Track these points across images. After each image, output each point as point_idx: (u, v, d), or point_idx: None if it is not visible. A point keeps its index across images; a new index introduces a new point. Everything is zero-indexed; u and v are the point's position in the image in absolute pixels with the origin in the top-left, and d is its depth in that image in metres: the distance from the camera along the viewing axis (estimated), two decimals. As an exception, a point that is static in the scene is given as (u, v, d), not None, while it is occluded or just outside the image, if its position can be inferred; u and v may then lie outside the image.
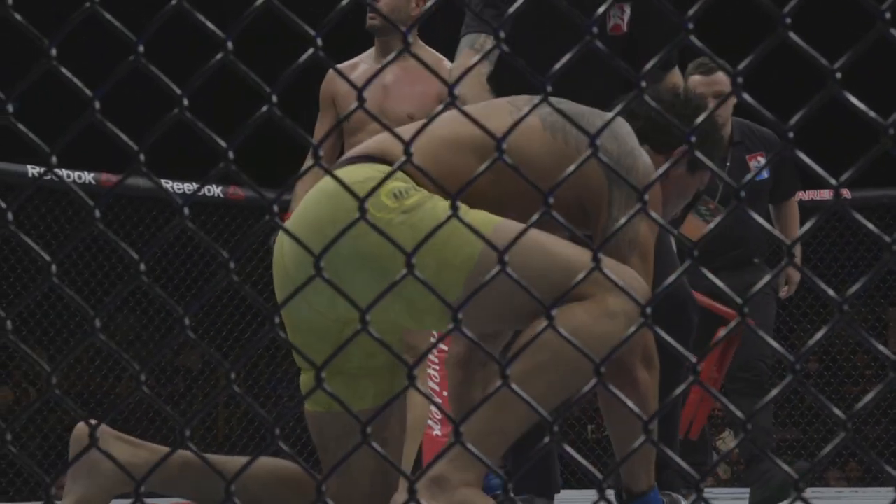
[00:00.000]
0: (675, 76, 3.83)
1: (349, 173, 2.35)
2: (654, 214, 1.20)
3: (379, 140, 2.48)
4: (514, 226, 2.27)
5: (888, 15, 1.13)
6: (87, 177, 6.87)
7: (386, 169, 2.31)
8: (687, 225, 5.03)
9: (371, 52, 5.13)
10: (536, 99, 1.26)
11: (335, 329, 2.39)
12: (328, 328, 2.40)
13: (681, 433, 3.89)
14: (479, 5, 3.56)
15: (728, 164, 5.17)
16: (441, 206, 2.31)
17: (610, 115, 1.68)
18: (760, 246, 5.30)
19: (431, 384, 5.22)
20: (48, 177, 1.32)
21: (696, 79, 5.05)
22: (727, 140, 5.16)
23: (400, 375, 2.46)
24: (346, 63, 5.08)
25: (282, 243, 2.44)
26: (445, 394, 4.32)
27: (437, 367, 5.18)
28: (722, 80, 5.05)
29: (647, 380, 2.50)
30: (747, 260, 5.24)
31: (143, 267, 1.26)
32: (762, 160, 5.17)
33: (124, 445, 2.42)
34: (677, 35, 1.13)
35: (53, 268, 1.30)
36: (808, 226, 1.21)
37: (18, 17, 1.31)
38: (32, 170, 6.61)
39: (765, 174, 5.18)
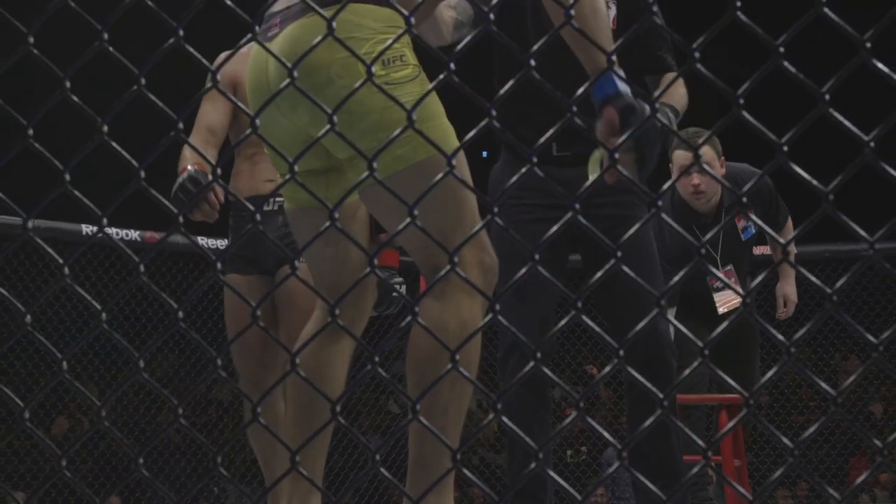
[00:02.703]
0: (669, 79, 3.59)
1: (340, 19, 2.22)
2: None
3: None
4: (460, 161, 2.21)
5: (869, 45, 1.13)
6: (134, 234, 6.86)
7: (359, 11, 2.24)
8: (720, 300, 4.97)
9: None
10: None
11: (301, 137, 2.36)
12: (295, 135, 2.36)
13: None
14: None
15: (721, 232, 5.03)
16: (410, 91, 2.24)
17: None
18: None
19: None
20: (100, 235, 1.32)
21: (679, 153, 4.91)
22: (715, 208, 5.03)
23: (356, 170, 2.37)
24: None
25: (266, 63, 2.38)
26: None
27: None
28: (705, 152, 4.86)
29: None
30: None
31: (180, 314, 1.26)
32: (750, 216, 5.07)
33: None
34: (662, 32, 1.13)
35: (104, 315, 1.29)
36: (762, 276, 1.21)
37: (75, 98, 1.31)
38: (86, 228, 6.64)
39: (752, 230, 5.09)
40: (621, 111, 2.26)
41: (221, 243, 7.03)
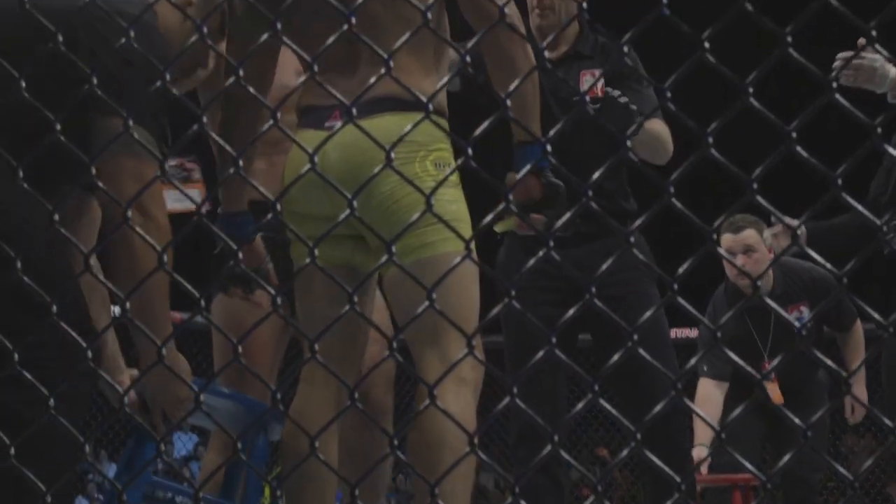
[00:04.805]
0: (655, 123, 3.64)
1: (401, 124, 2.36)
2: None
3: (407, 82, 2.39)
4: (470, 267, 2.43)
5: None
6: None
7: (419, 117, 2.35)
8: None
9: None
10: None
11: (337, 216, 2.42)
12: (330, 215, 2.44)
13: None
14: None
15: (773, 321, 4.89)
16: (451, 195, 2.48)
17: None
18: (813, 377, 5.06)
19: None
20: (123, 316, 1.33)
21: (726, 237, 4.80)
22: (768, 292, 4.86)
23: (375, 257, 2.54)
24: None
25: (325, 149, 2.44)
26: None
27: None
28: (750, 235, 4.79)
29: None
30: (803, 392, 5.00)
31: (202, 398, 1.26)
32: (804, 310, 4.86)
33: None
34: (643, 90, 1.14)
35: (125, 399, 1.30)
36: (860, 363, 1.20)
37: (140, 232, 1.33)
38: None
39: (805, 318, 4.84)
40: (546, 186, 2.58)
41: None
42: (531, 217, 2.59)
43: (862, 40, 3.56)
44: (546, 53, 3.60)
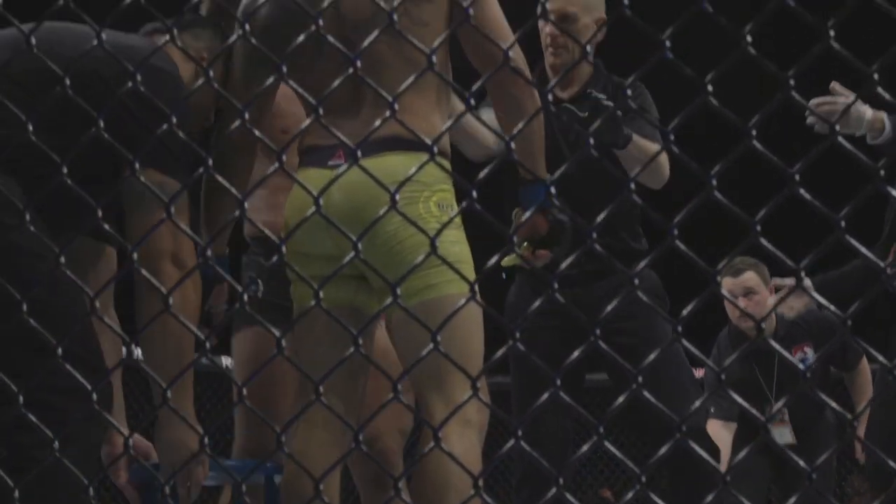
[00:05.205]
0: (651, 145, 3.54)
1: (405, 164, 2.42)
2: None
3: (411, 122, 2.37)
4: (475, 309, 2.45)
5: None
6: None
7: (423, 157, 2.44)
8: None
9: None
10: None
11: (341, 258, 2.40)
12: (333, 256, 2.46)
13: None
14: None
15: (777, 363, 4.85)
16: (454, 236, 2.50)
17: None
18: (820, 418, 4.97)
19: None
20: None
21: (727, 280, 4.80)
22: (771, 333, 4.82)
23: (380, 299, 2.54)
24: None
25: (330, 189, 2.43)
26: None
27: None
28: (751, 278, 4.79)
29: None
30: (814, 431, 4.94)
31: (206, 440, 1.26)
32: (808, 351, 4.84)
33: None
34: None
35: (130, 441, 1.29)
36: (866, 404, 1.20)
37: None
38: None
39: (809, 360, 4.81)
40: (552, 223, 2.62)
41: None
42: (538, 253, 2.65)
43: (834, 84, 3.57)
44: (559, 92, 3.63)
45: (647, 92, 3.66)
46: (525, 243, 2.79)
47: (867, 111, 3.58)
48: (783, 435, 4.84)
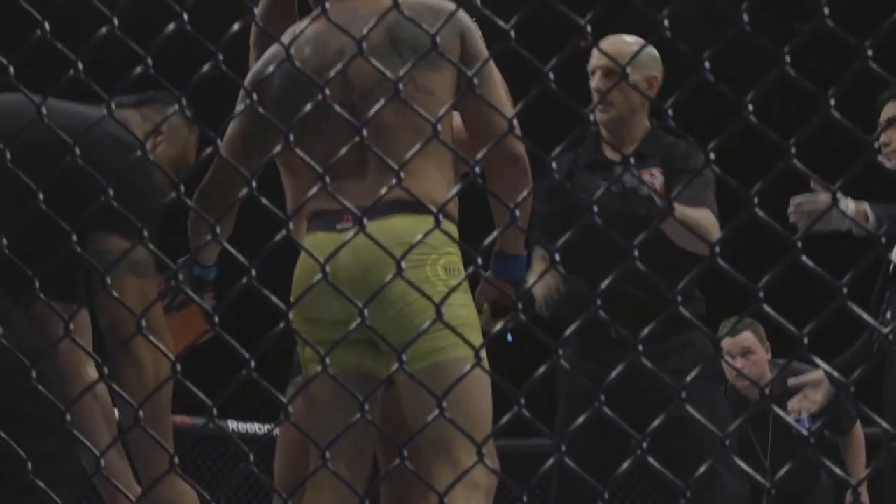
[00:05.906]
0: (698, 211, 3.52)
1: (412, 226, 2.44)
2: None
3: (418, 185, 2.40)
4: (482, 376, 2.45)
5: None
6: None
7: (430, 219, 2.44)
8: None
9: None
10: None
11: (348, 322, 2.44)
12: (341, 321, 2.47)
13: None
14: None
15: (772, 424, 4.81)
16: (461, 299, 2.51)
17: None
18: (815, 481, 4.93)
19: None
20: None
21: (726, 341, 4.80)
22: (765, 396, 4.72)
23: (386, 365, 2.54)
24: None
25: (339, 254, 2.46)
26: None
27: None
28: (748, 338, 4.80)
29: None
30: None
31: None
32: (804, 413, 4.82)
33: None
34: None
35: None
36: (869, 471, 1.20)
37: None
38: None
39: (804, 425, 4.63)
40: (516, 297, 2.71)
41: (254, 427, 6.89)
42: (495, 320, 2.78)
43: (813, 184, 3.46)
44: (611, 153, 3.64)
45: (701, 151, 3.60)
46: (486, 305, 2.84)
47: (850, 204, 3.49)
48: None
